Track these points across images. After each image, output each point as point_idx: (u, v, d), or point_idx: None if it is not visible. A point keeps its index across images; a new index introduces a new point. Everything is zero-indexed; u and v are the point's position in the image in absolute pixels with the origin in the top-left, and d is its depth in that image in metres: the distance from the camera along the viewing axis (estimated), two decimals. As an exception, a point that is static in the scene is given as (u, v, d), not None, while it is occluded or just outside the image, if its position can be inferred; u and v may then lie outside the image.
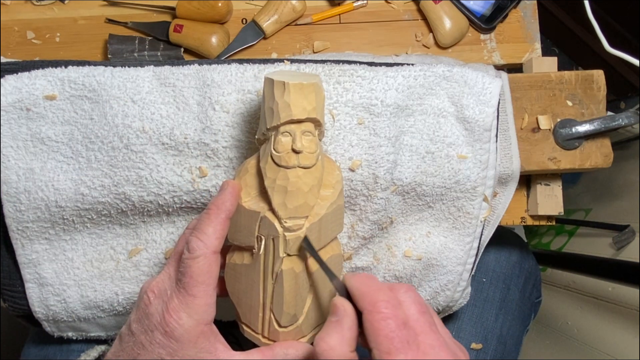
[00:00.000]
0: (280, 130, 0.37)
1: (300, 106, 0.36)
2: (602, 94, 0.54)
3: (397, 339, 0.32)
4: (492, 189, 0.50)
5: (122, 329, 0.39)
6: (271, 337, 0.41)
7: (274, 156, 0.37)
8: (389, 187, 0.46)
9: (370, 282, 0.35)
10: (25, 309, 0.48)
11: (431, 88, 0.47)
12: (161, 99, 0.44)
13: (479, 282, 0.64)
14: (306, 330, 0.42)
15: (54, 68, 0.44)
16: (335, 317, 0.34)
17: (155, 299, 0.37)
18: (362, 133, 0.45)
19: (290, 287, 0.39)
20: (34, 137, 0.44)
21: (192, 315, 0.35)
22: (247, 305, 0.41)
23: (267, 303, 0.40)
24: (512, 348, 0.64)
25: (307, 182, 0.37)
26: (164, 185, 0.44)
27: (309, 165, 0.37)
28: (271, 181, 0.37)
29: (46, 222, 0.45)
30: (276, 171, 0.37)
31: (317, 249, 0.40)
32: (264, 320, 0.41)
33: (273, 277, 0.39)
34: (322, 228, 0.39)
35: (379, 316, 0.33)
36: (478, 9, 0.59)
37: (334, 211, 0.40)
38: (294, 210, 0.37)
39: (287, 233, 0.38)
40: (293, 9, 0.58)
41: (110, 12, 0.58)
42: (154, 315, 0.36)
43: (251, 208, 0.38)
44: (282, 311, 0.39)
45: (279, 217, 0.38)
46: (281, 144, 0.37)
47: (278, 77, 0.36)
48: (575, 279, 1.06)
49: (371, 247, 0.49)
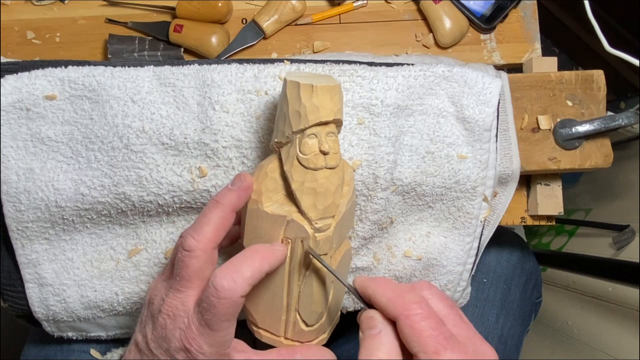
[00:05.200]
0: (306, 133, 0.37)
1: (327, 108, 0.37)
2: (602, 94, 0.54)
3: (441, 337, 0.32)
4: (492, 189, 0.50)
5: (137, 339, 0.39)
6: (295, 338, 0.41)
7: (300, 159, 0.37)
8: (389, 187, 0.46)
9: (393, 286, 0.35)
10: (25, 309, 0.48)
11: (431, 88, 0.47)
12: (161, 99, 0.44)
13: (479, 283, 0.64)
14: (327, 326, 0.42)
15: (54, 68, 0.44)
16: (375, 329, 0.34)
17: (172, 323, 0.36)
18: (362, 133, 0.45)
19: (319, 287, 0.39)
20: (34, 137, 0.44)
21: (213, 345, 0.35)
22: (269, 311, 0.40)
23: (292, 304, 0.40)
24: (513, 348, 0.64)
25: (333, 182, 0.38)
26: (164, 185, 0.44)
27: (335, 165, 0.38)
28: (299, 184, 0.37)
29: (46, 222, 0.45)
30: (304, 174, 0.37)
31: (338, 246, 0.40)
32: (287, 323, 0.41)
33: (300, 279, 0.39)
34: (343, 225, 0.40)
35: (417, 317, 0.33)
36: (478, 9, 0.59)
37: (350, 208, 0.41)
38: (324, 210, 0.38)
39: (317, 234, 0.38)
40: (293, 9, 0.58)
41: (110, 12, 0.58)
42: (173, 340, 0.35)
43: (275, 212, 0.38)
44: (310, 311, 0.40)
45: (310, 219, 0.38)
46: (308, 146, 0.37)
47: (301, 80, 0.37)
48: (575, 279, 1.06)
49: (371, 247, 0.49)
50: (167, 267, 0.40)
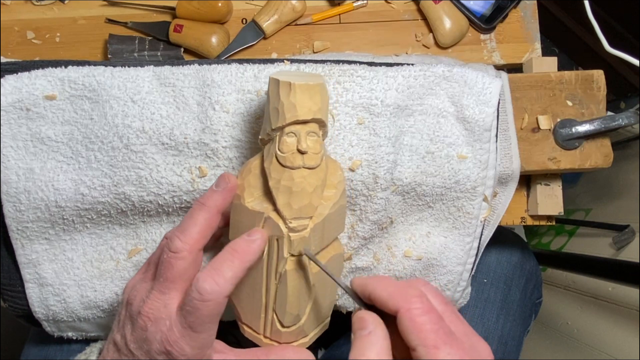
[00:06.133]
0: (285, 131, 0.37)
1: (305, 107, 0.36)
2: (602, 94, 0.54)
3: (442, 331, 0.32)
4: (492, 189, 0.50)
5: (116, 338, 0.38)
6: (273, 338, 0.41)
7: (278, 157, 0.37)
8: (389, 187, 0.46)
9: (393, 282, 0.35)
10: (25, 309, 0.48)
11: (431, 88, 0.47)
12: (161, 99, 0.44)
13: (480, 283, 0.64)
14: (308, 330, 0.42)
15: (54, 68, 0.44)
16: (365, 330, 0.34)
17: (153, 325, 0.36)
18: (362, 133, 0.45)
19: (293, 288, 0.39)
20: (34, 137, 0.44)
21: (195, 347, 0.35)
22: (249, 306, 0.41)
23: (269, 303, 0.40)
24: (513, 349, 0.64)
25: (311, 183, 0.37)
26: (164, 185, 0.44)
27: (313, 165, 0.37)
28: (276, 182, 0.37)
29: (46, 222, 0.45)
30: (281, 172, 0.37)
31: (319, 249, 0.40)
32: (266, 321, 0.41)
33: (276, 278, 0.39)
34: (325, 228, 0.39)
35: (418, 311, 0.33)
36: (478, 9, 0.59)
37: (336, 211, 0.40)
38: (299, 210, 0.37)
39: (291, 233, 0.38)
40: (293, 9, 0.58)
41: (110, 12, 0.58)
42: (154, 342, 0.35)
43: (254, 209, 0.38)
44: (285, 311, 0.39)
45: (284, 218, 0.37)
46: (286, 144, 0.37)
47: (283, 78, 0.36)
48: (575, 279, 1.06)
49: (371, 247, 0.49)
50: (144, 267, 0.41)
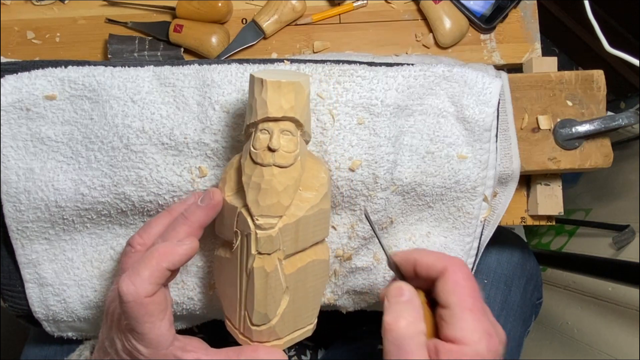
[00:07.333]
0: (259, 127, 0.37)
1: (276, 104, 0.36)
2: (602, 94, 0.54)
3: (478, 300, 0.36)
4: (492, 189, 0.50)
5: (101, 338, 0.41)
6: (246, 334, 0.41)
7: (251, 153, 0.37)
8: (389, 187, 0.46)
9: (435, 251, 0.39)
10: (25, 309, 0.48)
11: (431, 88, 0.47)
12: (161, 99, 0.44)
13: (480, 283, 0.64)
14: (281, 333, 0.41)
15: (54, 68, 0.44)
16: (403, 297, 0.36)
17: (118, 333, 0.38)
18: (362, 133, 0.45)
19: (260, 286, 0.39)
20: (34, 137, 0.44)
21: (147, 346, 0.37)
22: (229, 300, 0.41)
23: (242, 299, 0.40)
24: (513, 349, 0.64)
25: (281, 182, 0.37)
26: (164, 185, 0.44)
27: (284, 164, 0.37)
28: (247, 177, 0.37)
29: (46, 222, 0.45)
30: (253, 168, 0.37)
31: (293, 251, 0.39)
32: (240, 316, 0.41)
33: (247, 274, 0.39)
34: (300, 230, 0.39)
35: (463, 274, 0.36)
36: (478, 9, 0.59)
37: (315, 215, 0.39)
38: (266, 208, 0.37)
39: (258, 231, 0.37)
40: (293, 9, 0.58)
41: (110, 12, 0.58)
42: (117, 342, 0.38)
43: (231, 203, 0.39)
44: (252, 309, 0.39)
45: (252, 215, 0.38)
46: (259, 141, 0.37)
47: (261, 75, 0.36)
48: (575, 279, 1.06)
49: (371, 247, 0.49)
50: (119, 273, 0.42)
